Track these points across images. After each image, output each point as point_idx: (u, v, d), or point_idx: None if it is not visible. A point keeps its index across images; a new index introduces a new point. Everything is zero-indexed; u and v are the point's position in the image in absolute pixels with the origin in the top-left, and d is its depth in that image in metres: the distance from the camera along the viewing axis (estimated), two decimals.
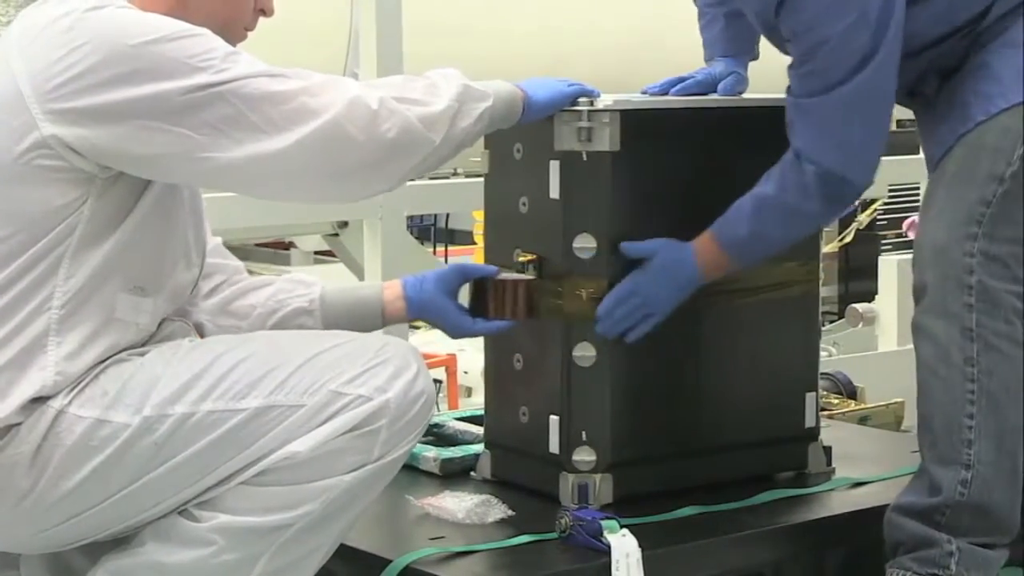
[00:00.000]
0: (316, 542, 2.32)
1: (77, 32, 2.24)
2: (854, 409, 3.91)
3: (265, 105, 2.26)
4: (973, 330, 2.61)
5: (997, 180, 2.63)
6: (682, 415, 2.85)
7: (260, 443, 2.26)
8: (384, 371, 2.30)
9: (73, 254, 2.26)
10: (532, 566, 2.51)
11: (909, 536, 2.67)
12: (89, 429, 2.23)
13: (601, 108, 2.69)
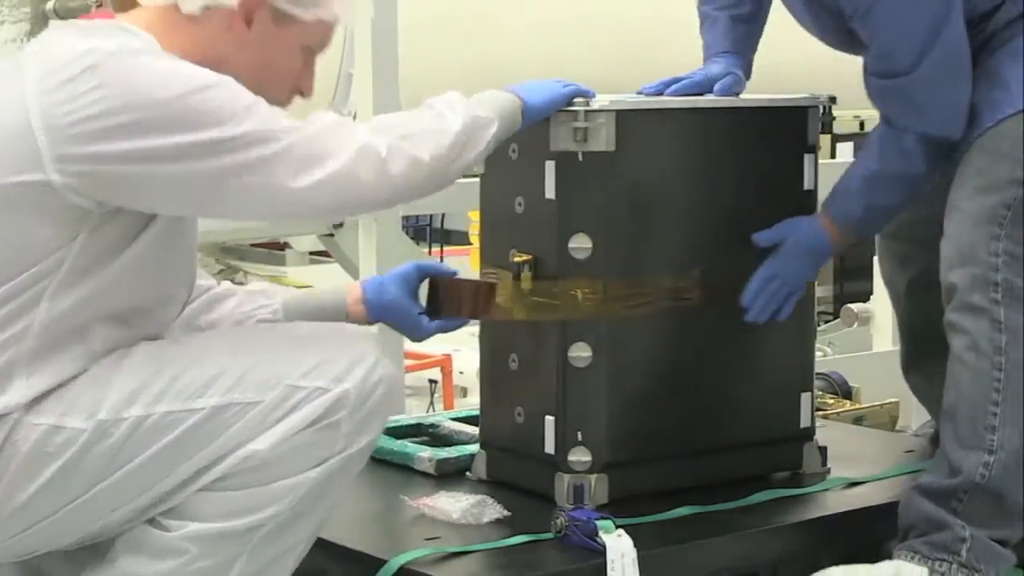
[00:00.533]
0: (291, 541, 2.30)
1: (99, 74, 2.19)
2: (849, 409, 3.91)
3: (280, 157, 2.23)
4: (1002, 322, 2.66)
5: (1017, 184, 2.68)
6: (677, 415, 2.85)
7: (219, 442, 2.23)
8: (341, 361, 2.28)
9: (57, 288, 2.22)
10: (527, 566, 2.52)
11: (923, 518, 2.69)
12: (44, 436, 2.20)
13: (597, 108, 2.69)
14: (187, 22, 2.34)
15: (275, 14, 2.38)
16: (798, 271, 2.85)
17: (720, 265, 2.85)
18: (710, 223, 2.85)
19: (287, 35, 2.41)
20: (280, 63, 2.43)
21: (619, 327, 2.76)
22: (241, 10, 2.35)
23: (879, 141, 2.82)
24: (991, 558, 2.66)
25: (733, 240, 2.88)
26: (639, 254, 2.78)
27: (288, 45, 2.42)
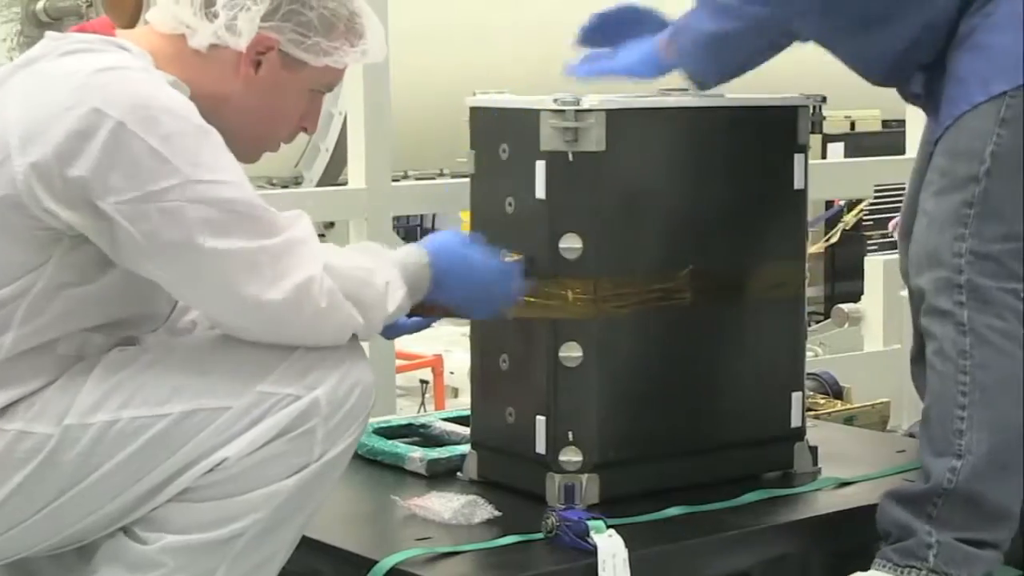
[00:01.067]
0: (270, 549, 2.28)
1: (84, 94, 2.16)
2: (840, 409, 3.91)
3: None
4: (965, 325, 2.65)
5: (975, 181, 2.66)
6: (669, 415, 2.85)
7: (186, 448, 2.20)
8: (314, 365, 2.24)
9: (27, 311, 2.20)
10: (518, 567, 2.51)
11: (894, 524, 2.70)
12: (12, 442, 2.19)
13: (587, 108, 2.68)
14: (193, 56, 2.33)
15: (285, 59, 2.36)
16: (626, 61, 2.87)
17: (711, 265, 2.85)
18: (701, 223, 2.85)
19: (296, 79, 2.39)
20: (286, 106, 2.42)
21: (610, 327, 2.75)
22: (249, 53, 2.33)
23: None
24: (963, 561, 2.64)
25: (724, 240, 2.88)
26: (630, 254, 2.78)
27: (296, 89, 2.41)
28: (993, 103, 2.67)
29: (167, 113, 2.18)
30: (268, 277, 2.19)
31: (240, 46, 2.31)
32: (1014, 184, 2.66)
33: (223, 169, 2.20)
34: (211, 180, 2.17)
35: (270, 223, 2.22)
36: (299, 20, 2.33)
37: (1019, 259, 2.66)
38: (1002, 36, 2.69)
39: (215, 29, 2.30)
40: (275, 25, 2.32)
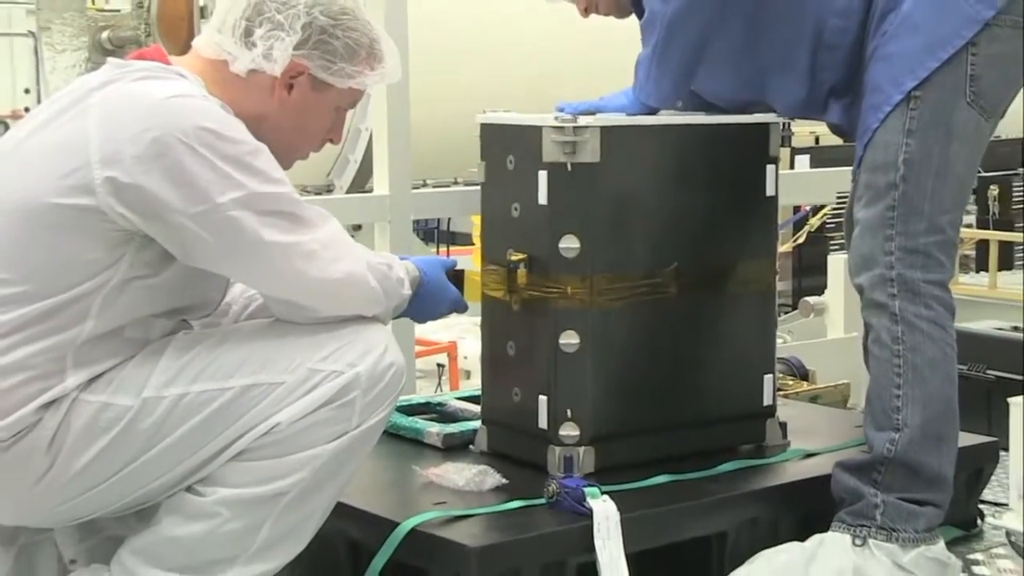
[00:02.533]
0: (311, 507, 2.30)
1: (156, 119, 2.19)
2: (806, 389, 3.91)
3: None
4: (897, 314, 2.67)
5: (893, 187, 2.67)
6: (656, 394, 2.85)
7: (247, 417, 2.25)
8: (355, 348, 2.29)
9: (103, 302, 2.23)
10: (524, 528, 2.51)
11: (845, 491, 2.71)
12: (96, 412, 2.22)
13: (584, 125, 2.69)
14: (234, 79, 2.35)
15: (314, 82, 2.39)
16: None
17: (693, 262, 2.85)
18: (684, 225, 2.85)
19: (323, 99, 2.42)
20: (316, 122, 2.45)
21: (604, 317, 2.75)
22: (283, 78, 2.36)
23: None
24: (906, 517, 2.67)
25: (705, 240, 2.88)
26: (621, 253, 2.77)
27: (323, 108, 2.44)
28: (901, 110, 2.66)
29: (226, 135, 2.23)
30: (326, 260, 2.29)
31: (275, 72, 2.34)
32: (926, 184, 2.67)
33: (275, 181, 2.26)
34: (267, 191, 2.24)
35: (315, 219, 2.31)
36: (326, 48, 2.36)
37: (944, 250, 2.69)
38: (899, 44, 2.69)
39: (253, 56, 2.33)
40: (305, 53, 2.35)
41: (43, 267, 2.20)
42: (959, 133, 2.67)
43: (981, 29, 2.64)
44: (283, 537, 2.30)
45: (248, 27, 2.33)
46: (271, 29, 2.33)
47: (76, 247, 2.20)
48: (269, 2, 2.34)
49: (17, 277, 2.20)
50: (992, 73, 2.67)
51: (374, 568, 2.47)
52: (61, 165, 2.20)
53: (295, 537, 2.32)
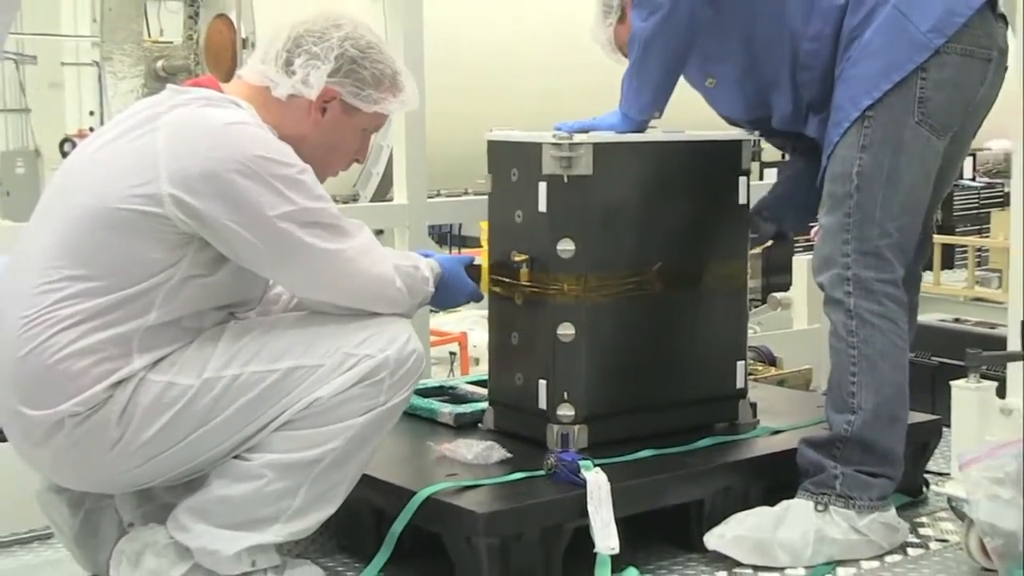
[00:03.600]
0: (342, 474, 2.34)
1: (218, 142, 2.25)
2: (774, 374, 3.90)
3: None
4: (853, 311, 2.66)
5: (849, 196, 2.66)
6: (642, 378, 2.84)
7: (292, 395, 2.29)
8: (383, 336, 2.34)
9: (165, 297, 2.26)
10: (525, 496, 2.51)
11: (809, 463, 2.71)
12: (162, 390, 2.25)
13: (579, 142, 2.68)
14: (276, 103, 2.40)
15: (344, 106, 2.43)
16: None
17: (674, 262, 2.84)
18: (666, 229, 2.84)
19: (352, 122, 2.47)
20: (345, 143, 2.49)
21: (596, 311, 2.74)
22: (318, 101, 2.41)
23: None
24: (862, 486, 2.67)
25: (685, 243, 2.87)
26: (611, 254, 2.76)
27: (352, 129, 2.48)
28: (857, 127, 2.65)
29: (277, 159, 2.28)
30: (361, 266, 2.35)
31: (312, 96, 2.39)
32: (877, 194, 2.66)
33: (318, 197, 2.32)
34: (312, 207, 2.29)
35: (352, 229, 2.36)
36: (356, 77, 2.41)
37: (895, 252, 2.68)
38: (859, 67, 2.68)
39: (293, 83, 2.39)
40: (338, 80, 2.40)
41: (114, 264, 2.24)
42: (908, 149, 2.66)
43: (931, 56, 2.63)
44: (318, 499, 2.32)
45: (288, 57, 2.39)
46: (308, 59, 2.38)
47: (143, 248, 2.24)
48: (307, 36, 2.40)
49: (92, 273, 2.24)
50: (940, 96, 2.65)
51: (394, 532, 2.47)
52: (133, 176, 2.25)
53: (328, 500, 2.34)
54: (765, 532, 2.64)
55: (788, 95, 2.83)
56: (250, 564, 2.32)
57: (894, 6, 2.64)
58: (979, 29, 2.66)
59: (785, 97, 2.84)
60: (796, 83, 2.80)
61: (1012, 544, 2.45)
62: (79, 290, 2.22)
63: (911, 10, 2.63)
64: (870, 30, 2.66)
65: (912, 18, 2.63)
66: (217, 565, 2.31)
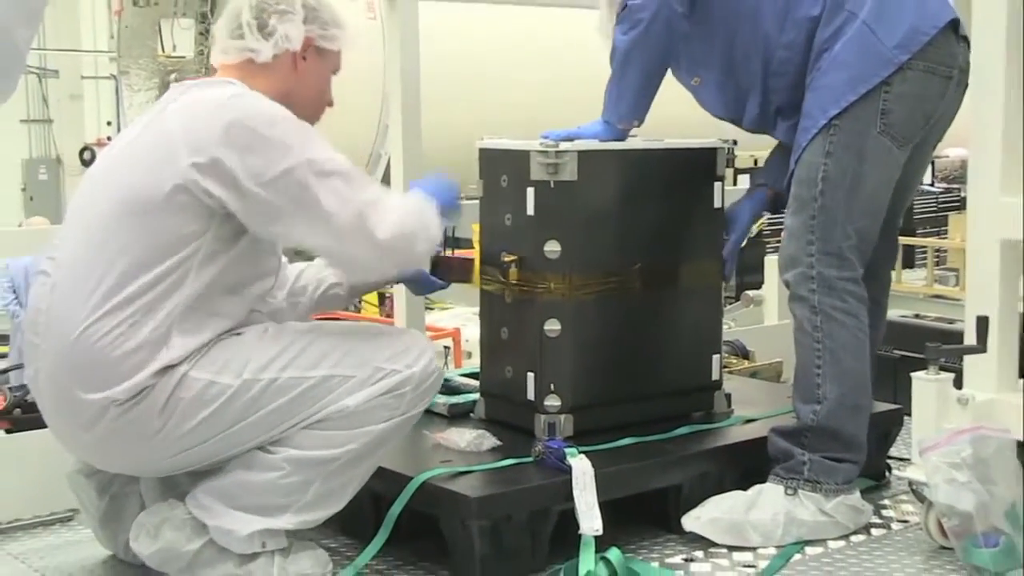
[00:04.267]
0: (353, 473, 2.35)
1: (226, 112, 2.28)
2: (747, 367, 3.89)
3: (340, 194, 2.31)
4: (817, 307, 2.66)
5: (814, 200, 2.66)
6: (624, 371, 2.83)
7: (323, 400, 2.30)
8: (411, 353, 2.36)
9: (197, 267, 2.28)
10: (515, 481, 2.50)
11: (779, 451, 2.71)
12: (204, 388, 2.26)
13: (564, 150, 2.68)
14: (260, 70, 2.45)
15: (317, 51, 2.49)
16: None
17: (654, 262, 2.83)
18: (646, 231, 2.83)
19: (325, 66, 2.53)
20: (323, 88, 2.54)
21: (580, 308, 2.73)
22: (300, 52, 2.46)
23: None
24: (828, 471, 2.67)
25: (663, 244, 2.86)
26: (594, 255, 2.76)
27: (326, 73, 2.54)
28: (823, 135, 2.65)
29: (279, 118, 2.32)
30: (380, 216, 2.32)
31: (296, 47, 2.45)
32: (840, 198, 2.65)
33: (323, 148, 2.33)
34: (320, 157, 2.30)
35: (363, 179, 2.37)
36: (320, 20, 2.49)
37: (855, 252, 2.68)
38: (828, 78, 2.67)
39: (275, 41, 2.44)
40: (308, 27, 2.46)
41: (149, 245, 2.26)
42: (870, 157, 2.66)
43: (895, 71, 2.62)
44: (327, 495, 2.34)
45: (260, 23, 2.44)
46: (281, 16, 2.44)
47: (173, 224, 2.26)
48: (263, 2, 2.45)
49: (130, 257, 2.25)
50: (901, 109, 2.65)
51: (392, 514, 2.47)
52: (155, 161, 2.28)
53: (336, 497, 2.35)
54: (738, 514, 2.64)
55: (758, 99, 2.82)
56: (260, 545, 2.33)
57: (863, 21, 2.64)
58: (942, 48, 2.66)
59: (755, 101, 2.83)
60: (767, 88, 2.79)
61: (968, 524, 2.46)
62: (120, 273, 2.24)
63: (879, 26, 2.63)
64: (840, 43, 2.65)
65: (879, 34, 2.62)
66: (231, 543, 2.32)
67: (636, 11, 2.67)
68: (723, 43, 2.79)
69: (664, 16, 2.67)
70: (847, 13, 2.65)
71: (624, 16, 2.70)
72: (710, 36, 2.78)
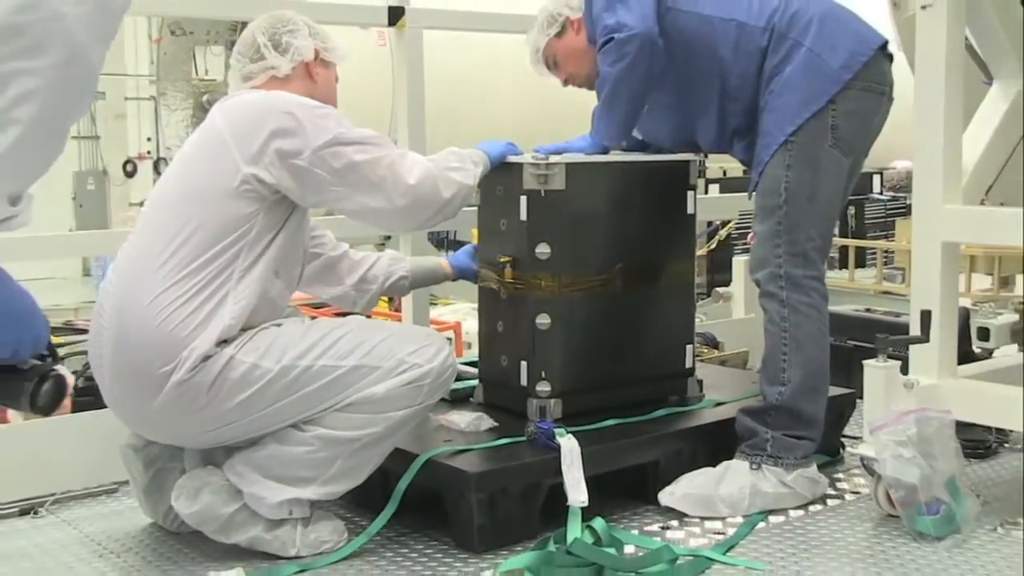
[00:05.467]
0: (373, 452, 2.36)
1: (269, 105, 2.37)
2: (717, 356, 3.89)
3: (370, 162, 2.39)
4: (785, 302, 2.66)
5: (779, 208, 2.65)
6: (607, 360, 2.82)
7: (352, 388, 2.31)
8: (431, 349, 2.38)
9: (249, 246, 2.33)
10: (510, 458, 2.49)
11: (746, 429, 2.70)
12: (248, 370, 2.28)
13: (554, 162, 2.67)
14: (283, 81, 2.51)
15: (323, 62, 2.56)
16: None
17: (634, 262, 2.82)
18: (627, 235, 2.82)
19: (330, 73, 2.60)
20: (333, 92, 2.60)
21: (568, 304, 2.72)
22: (313, 62, 2.53)
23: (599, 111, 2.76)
24: (789, 448, 2.67)
25: (642, 246, 2.85)
26: (581, 256, 2.74)
27: (332, 79, 2.60)
28: (782, 150, 2.64)
29: (311, 105, 2.39)
30: (408, 166, 2.40)
31: (309, 57, 2.52)
32: (802, 205, 2.65)
33: (347, 124, 2.39)
34: (347, 130, 2.38)
35: (386, 143, 2.42)
36: (319, 36, 2.56)
37: (818, 253, 2.69)
38: (782, 100, 2.67)
39: (291, 55, 2.51)
40: (312, 42, 2.54)
41: (207, 227, 2.30)
42: (824, 168, 2.66)
43: (840, 90, 2.63)
44: (349, 471, 2.35)
45: (275, 43, 2.50)
46: (289, 35, 2.51)
47: (228, 209, 2.31)
48: (272, 26, 2.52)
49: (190, 240, 2.29)
50: (848, 124, 2.66)
51: (399, 489, 2.46)
52: (208, 157, 2.36)
53: (356, 473, 2.37)
54: (709, 488, 2.63)
55: (714, 122, 2.81)
56: (288, 512, 2.34)
57: (808, 48, 2.65)
58: (875, 68, 2.68)
59: (711, 123, 2.81)
60: (724, 112, 2.78)
61: (912, 495, 2.47)
62: (179, 256, 2.28)
63: (823, 51, 2.64)
64: (789, 67, 2.66)
65: (824, 58, 2.64)
66: (261, 509, 2.34)
67: (623, 44, 2.66)
68: (678, 71, 2.77)
69: (647, 50, 2.67)
70: (792, 41, 2.66)
71: (611, 48, 2.68)
72: (668, 59, 2.75)
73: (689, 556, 2.35)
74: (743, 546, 2.45)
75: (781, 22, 2.67)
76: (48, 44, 1.44)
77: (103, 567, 2.38)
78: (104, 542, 2.52)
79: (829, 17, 2.68)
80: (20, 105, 1.44)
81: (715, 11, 2.72)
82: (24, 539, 2.56)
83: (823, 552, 2.41)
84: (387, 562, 2.36)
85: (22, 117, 1.44)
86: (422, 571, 2.32)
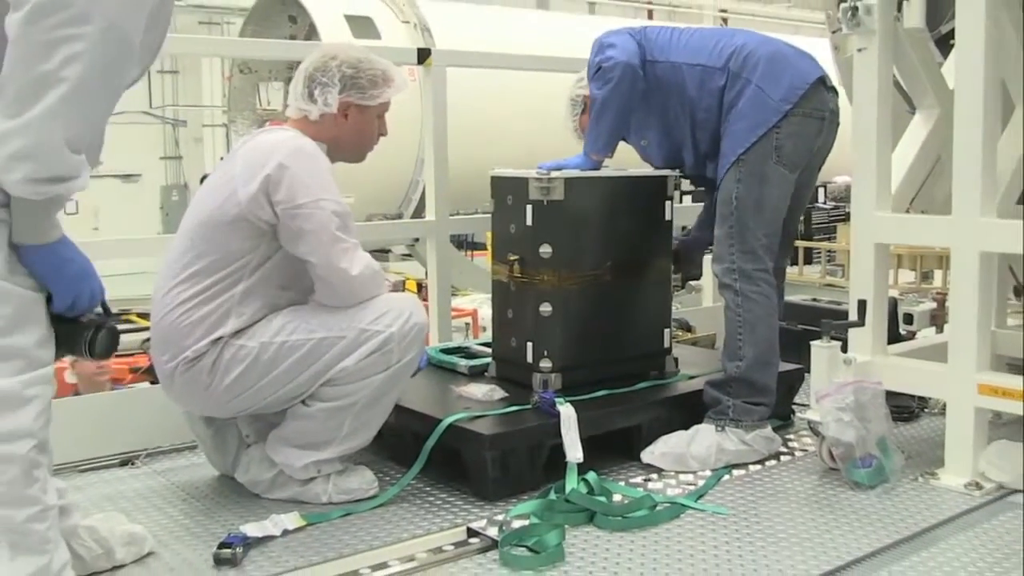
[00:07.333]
0: (375, 411, 2.33)
1: (272, 153, 2.25)
2: (689, 338, 3.87)
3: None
4: (739, 291, 2.65)
5: (732, 214, 2.65)
6: (598, 341, 2.80)
7: (325, 357, 2.26)
8: (390, 315, 2.28)
9: (250, 272, 2.26)
10: (518, 423, 2.48)
11: (711, 398, 2.69)
12: (237, 351, 2.25)
13: (555, 177, 2.66)
14: (314, 124, 2.39)
15: (358, 108, 2.40)
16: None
17: (621, 260, 2.80)
18: (616, 237, 2.80)
19: (367, 115, 2.43)
20: (369, 130, 2.45)
21: (566, 295, 2.70)
22: (340, 112, 2.38)
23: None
24: (748, 412, 2.66)
25: (628, 247, 2.82)
26: (577, 255, 2.73)
27: (370, 119, 2.44)
28: (735, 167, 2.65)
29: (305, 165, 2.25)
30: (353, 257, 2.25)
31: (334, 110, 2.38)
32: (750, 212, 2.64)
33: (333, 192, 2.25)
34: (328, 199, 2.24)
35: (353, 227, 2.27)
36: (358, 86, 2.39)
37: (765, 251, 2.68)
38: (736, 126, 2.67)
39: (319, 106, 2.38)
40: (346, 93, 2.38)
41: (217, 253, 2.25)
42: (769, 181, 2.66)
43: (782, 117, 2.64)
44: (359, 428, 2.33)
45: (309, 91, 2.38)
46: (322, 88, 2.37)
47: (234, 240, 2.25)
48: (315, 72, 2.38)
49: (202, 262, 2.26)
50: (789, 144, 2.66)
51: (426, 448, 2.45)
52: (222, 194, 2.27)
53: (366, 429, 2.34)
54: (682, 448, 2.62)
55: (691, 150, 2.82)
56: (316, 471, 2.34)
57: (756, 85, 2.66)
58: (814, 98, 2.67)
59: (689, 152, 2.83)
60: (696, 140, 2.79)
61: (850, 451, 2.47)
62: (194, 271, 2.26)
63: (767, 87, 2.65)
64: (741, 101, 2.67)
65: (767, 92, 2.65)
66: (293, 472, 2.34)
67: (608, 72, 2.69)
68: (659, 109, 2.80)
69: (629, 75, 2.69)
70: (743, 80, 2.67)
71: (599, 75, 2.71)
72: (649, 108, 2.80)
73: (666, 503, 2.35)
74: (711, 495, 2.44)
75: (735, 63, 2.69)
76: (92, 13, 1.48)
77: (188, 509, 2.39)
78: (187, 488, 2.53)
79: (777, 56, 2.69)
80: (68, 65, 1.47)
81: (683, 58, 2.75)
82: (123, 485, 2.58)
83: (777, 499, 2.40)
84: (417, 507, 2.36)
85: (70, 76, 1.47)
86: (446, 515, 2.31)
